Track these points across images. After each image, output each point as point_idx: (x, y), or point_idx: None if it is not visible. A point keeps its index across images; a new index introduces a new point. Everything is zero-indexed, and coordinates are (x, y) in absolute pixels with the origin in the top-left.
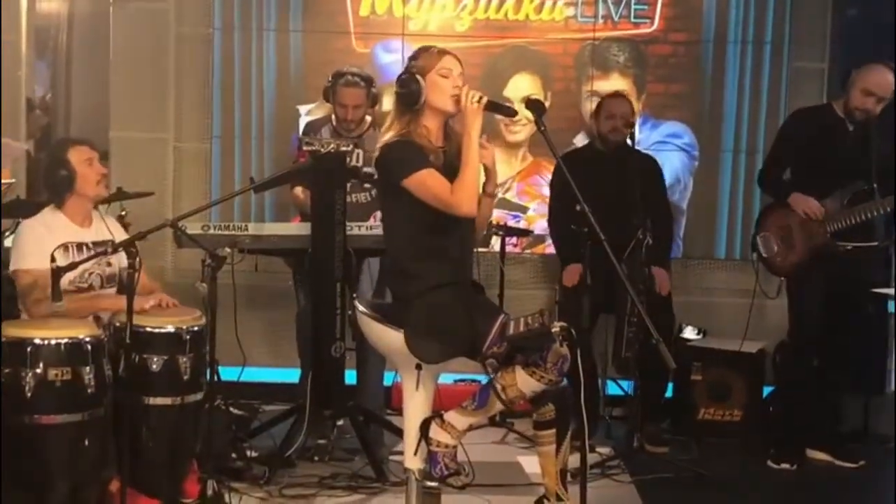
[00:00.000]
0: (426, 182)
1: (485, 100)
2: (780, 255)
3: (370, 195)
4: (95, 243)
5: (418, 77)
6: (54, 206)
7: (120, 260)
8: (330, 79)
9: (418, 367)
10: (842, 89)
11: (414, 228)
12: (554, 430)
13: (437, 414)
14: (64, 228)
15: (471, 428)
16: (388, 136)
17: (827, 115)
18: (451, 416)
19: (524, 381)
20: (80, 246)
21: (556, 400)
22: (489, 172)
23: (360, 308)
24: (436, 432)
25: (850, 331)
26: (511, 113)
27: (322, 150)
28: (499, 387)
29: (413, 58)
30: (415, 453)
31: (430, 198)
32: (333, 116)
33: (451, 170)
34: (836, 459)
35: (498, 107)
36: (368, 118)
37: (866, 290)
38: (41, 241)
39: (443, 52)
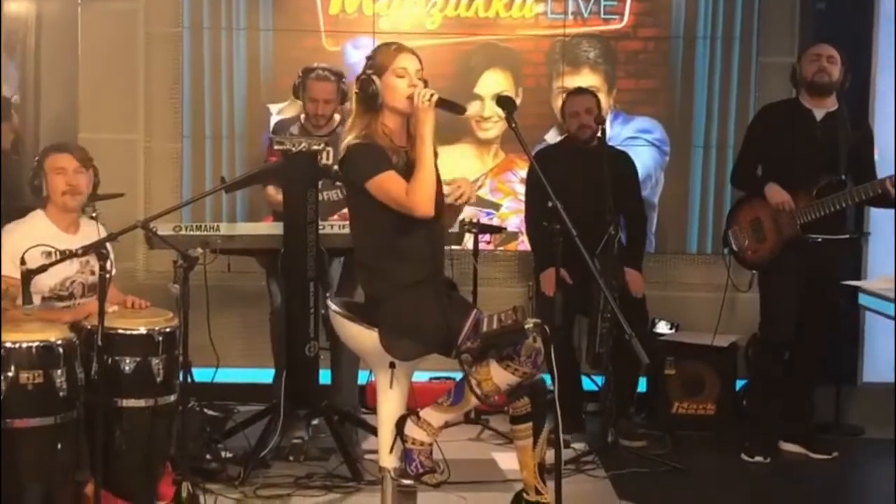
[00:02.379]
0: (384, 185)
1: (435, 97)
2: (750, 249)
3: (341, 192)
4: None
5: (374, 78)
6: (41, 210)
7: None
8: (300, 74)
9: (392, 365)
10: (794, 84)
11: (380, 229)
12: (530, 424)
13: (412, 412)
14: (46, 232)
15: (447, 425)
16: (350, 136)
17: (794, 108)
18: (427, 414)
19: (499, 375)
20: (64, 253)
21: (532, 393)
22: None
23: (333, 307)
24: (411, 430)
25: (821, 323)
26: (460, 111)
27: (293, 149)
28: (474, 382)
29: (370, 57)
30: (390, 452)
31: (388, 200)
32: (303, 114)
33: (412, 169)
34: (810, 452)
35: (448, 104)
36: (338, 116)
37: (837, 283)
38: (19, 248)
39: (400, 50)
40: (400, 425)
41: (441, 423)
